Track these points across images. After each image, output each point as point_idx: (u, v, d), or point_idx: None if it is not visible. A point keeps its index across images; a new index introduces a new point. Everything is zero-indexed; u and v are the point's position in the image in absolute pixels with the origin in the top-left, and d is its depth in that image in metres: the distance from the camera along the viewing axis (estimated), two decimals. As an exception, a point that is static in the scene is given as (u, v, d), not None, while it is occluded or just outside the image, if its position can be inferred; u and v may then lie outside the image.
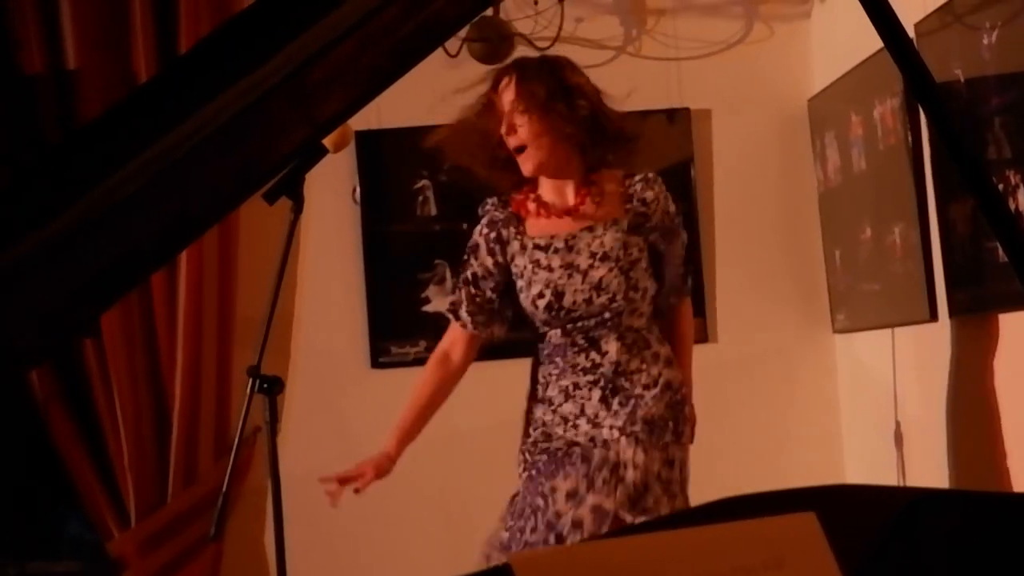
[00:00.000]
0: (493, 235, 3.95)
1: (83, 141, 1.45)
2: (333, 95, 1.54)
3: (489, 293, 3.96)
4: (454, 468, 5.37)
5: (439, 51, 5.14)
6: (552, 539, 3.65)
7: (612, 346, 3.82)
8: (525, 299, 3.89)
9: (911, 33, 4.23)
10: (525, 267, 3.89)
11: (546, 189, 3.92)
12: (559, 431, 3.82)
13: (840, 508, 1.32)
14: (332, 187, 5.23)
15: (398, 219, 5.40)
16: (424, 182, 5.39)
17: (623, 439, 3.73)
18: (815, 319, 5.41)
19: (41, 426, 5.15)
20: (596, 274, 3.81)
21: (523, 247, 3.90)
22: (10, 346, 1.51)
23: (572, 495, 3.70)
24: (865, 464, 5.19)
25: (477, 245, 3.98)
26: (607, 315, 3.79)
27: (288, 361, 5.29)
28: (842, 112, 5.07)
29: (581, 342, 3.83)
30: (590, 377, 3.82)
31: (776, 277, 5.37)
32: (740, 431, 5.33)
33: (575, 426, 3.81)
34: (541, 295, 3.85)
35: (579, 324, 3.82)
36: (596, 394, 3.80)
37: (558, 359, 3.86)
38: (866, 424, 5.13)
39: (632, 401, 3.78)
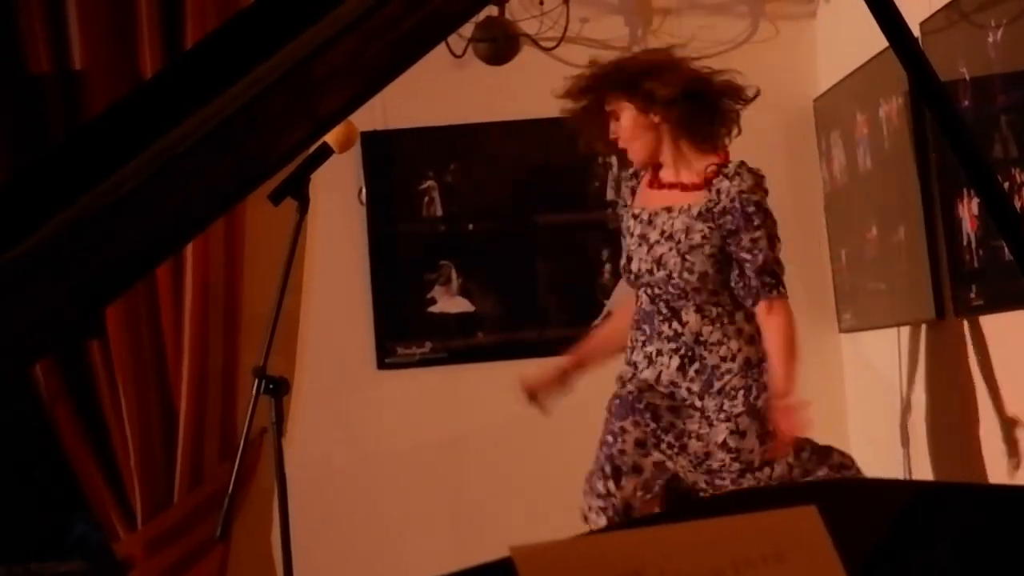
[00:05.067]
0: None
1: (83, 138, 1.46)
2: (335, 91, 1.54)
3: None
4: (462, 468, 5.37)
5: (444, 52, 5.14)
6: (609, 470, 3.95)
7: (691, 317, 4.03)
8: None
9: (916, 32, 4.22)
10: (623, 232, 4.23)
11: (665, 167, 4.17)
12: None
13: (842, 502, 1.32)
14: (338, 188, 5.23)
15: (404, 220, 5.39)
16: (430, 183, 5.39)
17: (690, 409, 3.98)
18: (821, 318, 5.40)
19: (48, 427, 5.16)
20: (658, 250, 4.06)
21: (629, 214, 4.22)
22: (9, 343, 1.51)
23: (640, 444, 3.97)
24: (872, 463, 5.18)
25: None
26: (673, 287, 4.03)
27: (294, 362, 5.29)
28: (848, 111, 5.07)
29: (664, 311, 4.06)
30: (672, 345, 4.04)
31: (782, 277, 5.35)
32: (747, 431, 5.31)
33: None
34: (623, 257, 4.20)
35: (660, 293, 4.05)
36: (675, 362, 4.02)
37: (646, 326, 4.10)
38: (873, 423, 5.13)
39: (709, 371, 3.99)
